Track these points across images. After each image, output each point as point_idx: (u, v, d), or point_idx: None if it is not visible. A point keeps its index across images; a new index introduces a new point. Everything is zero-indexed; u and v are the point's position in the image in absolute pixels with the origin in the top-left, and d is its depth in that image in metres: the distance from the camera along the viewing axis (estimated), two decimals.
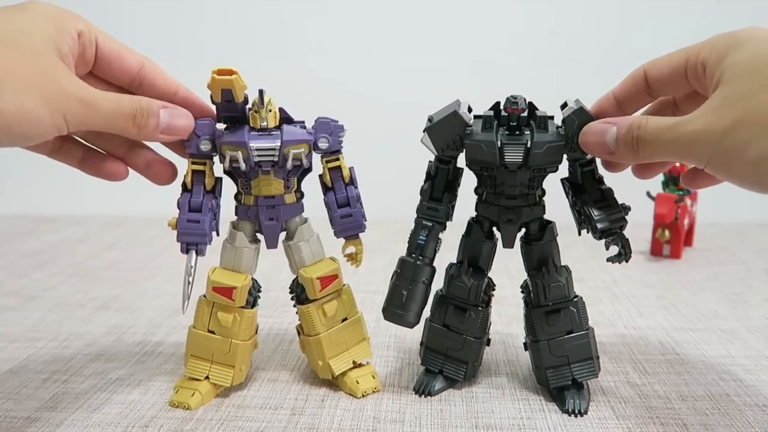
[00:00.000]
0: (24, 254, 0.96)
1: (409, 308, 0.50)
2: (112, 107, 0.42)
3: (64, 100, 0.38)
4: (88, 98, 0.40)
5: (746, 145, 0.37)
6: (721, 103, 0.39)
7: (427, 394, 0.53)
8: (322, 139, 0.50)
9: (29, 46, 0.38)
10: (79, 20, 0.44)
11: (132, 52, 0.47)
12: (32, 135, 0.38)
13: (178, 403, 0.51)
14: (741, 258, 0.96)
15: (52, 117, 0.38)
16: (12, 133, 0.37)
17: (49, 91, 0.38)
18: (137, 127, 0.43)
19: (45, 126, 0.38)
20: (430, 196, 0.51)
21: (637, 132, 0.43)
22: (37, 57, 0.38)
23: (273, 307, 0.73)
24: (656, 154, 0.43)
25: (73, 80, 0.40)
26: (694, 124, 0.40)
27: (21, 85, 0.36)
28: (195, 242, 0.49)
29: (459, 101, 0.50)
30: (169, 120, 0.45)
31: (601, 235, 0.49)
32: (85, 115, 0.40)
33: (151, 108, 0.44)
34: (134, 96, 0.44)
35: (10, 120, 0.36)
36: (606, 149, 0.45)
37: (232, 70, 0.44)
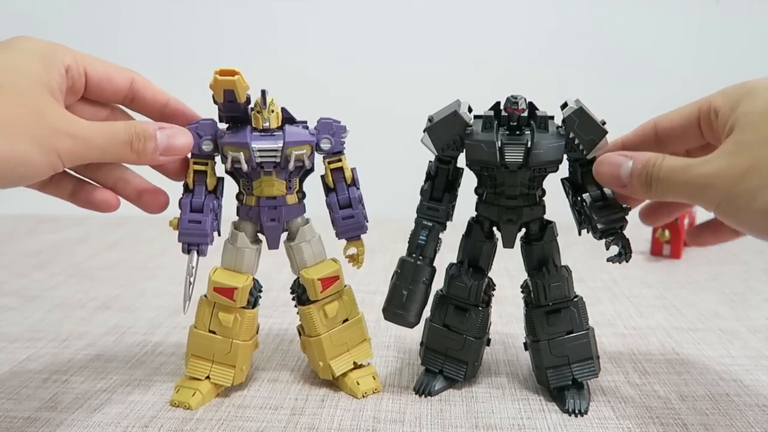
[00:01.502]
0: (24, 254, 0.96)
1: (409, 308, 0.50)
2: (106, 138, 0.41)
3: (56, 139, 0.38)
4: (81, 133, 0.40)
5: (757, 192, 0.37)
6: (734, 148, 0.39)
7: (427, 394, 0.53)
8: (325, 140, 0.50)
9: (18, 87, 0.38)
10: (66, 54, 0.43)
11: (121, 71, 0.47)
12: (27, 177, 0.38)
13: (178, 402, 0.51)
14: (741, 258, 0.96)
15: (46, 157, 0.38)
16: (7, 177, 0.37)
17: (41, 132, 0.37)
18: (136, 153, 0.43)
19: (39, 167, 0.38)
20: (431, 196, 0.51)
21: (652, 169, 0.43)
22: (26, 98, 0.38)
23: (273, 307, 0.73)
24: (668, 193, 0.42)
25: (64, 116, 0.40)
26: (707, 167, 0.40)
27: (12, 128, 0.36)
28: (196, 242, 0.49)
29: (459, 101, 0.50)
30: (168, 141, 0.44)
31: (602, 235, 0.49)
32: (80, 150, 0.40)
33: (147, 131, 0.43)
34: (128, 122, 0.44)
35: (5, 165, 0.36)
36: (619, 182, 0.45)
37: (234, 71, 0.44)
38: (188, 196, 0.50)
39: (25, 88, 0.39)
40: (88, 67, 0.45)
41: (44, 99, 0.39)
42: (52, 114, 0.39)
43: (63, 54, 0.43)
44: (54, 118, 0.39)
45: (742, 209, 0.38)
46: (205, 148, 0.49)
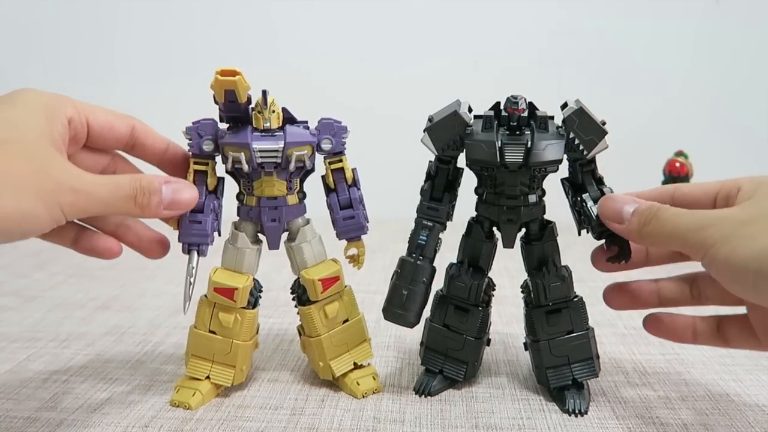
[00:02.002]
0: (24, 254, 0.96)
1: (409, 308, 0.50)
2: (110, 192, 0.41)
3: (60, 193, 0.38)
4: (85, 187, 0.39)
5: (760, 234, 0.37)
6: (748, 203, 0.40)
7: (427, 394, 0.53)
8: (326, 140, 0.50)
9: (23, 141, 0.38)
10: (68, 105, 0.44)
11: (121, 118, 0.47)
12: (30, 232, 0.38)
13: (178, 402, 0.51)
14: None
15: (50, 211, 0.38)
16: (11, 232, 0.37)
17: (45, 186, 0.37)
18: (139, 207, 0.42)
19: (43, 221, 0.38)
20: (431, 196, 0.51)
21: (656, 209, 0.43)
22: (30, 153, 0.38)
23: (273, 307, 0.73)
24: (662, 234, 0.42)
25: (69, 170, 0.40)
26: (715, 211, 0.41)
27: (17, 184, 0.36)
28: (196, 243, 0.49)
29: (459, 101, 0.50)
30: (173, 195, 0.44)
31: (601, 234, 0.49)
32: (83, 204, 0.39)
33: (153, 185, 0.43)
34: (133, 175, 0.43)
35: (9, 221, 0.36)
36: (618, 217, 0.46)
37: (235, 71, 0.44)
38: None
39: (30, 142, 0.39)
40: (89, 116, 0.45)
41: (48, 153, 0.39)
42: (56, 168, 0.39)
43: (65, 106, 0.43)
44: (58, 172, 0.39)
45: (738, 250, 0.38)
46: (205, 149, 0.49)
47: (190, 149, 0.49)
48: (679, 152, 0.98)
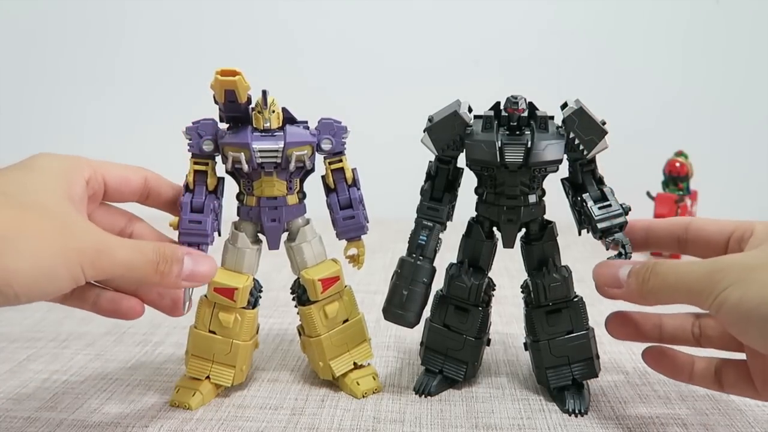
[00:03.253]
0: None
1: (409, 308, 0.50)
2: (132, 255, 0.40)
3: (82, 252, 0.38)
4: (107, 248, 0.39)
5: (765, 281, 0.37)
6: (759, 250, 0.40)
7: (427, 394, 0.53)
8: (326, 140, 0.50)
9: (43, 204, 0.39)
10: (84, 166, 0.44)
11: (135, 171, 0.48)
12: (50, 291, 0.38)
13: (179, 402, 0.51)
14: None
15: (70, 271, 0.37)
16: (31, 292, 0.37)
17: (67, 246, 0.37)
18: (159, 275, 0.42)
19: (63, 281, 0.37)
20: (431, 196, 0.52)
21: (653, 266, 0.42)
22: (52, 214, 0.38)
23: (273, 307, 0.73)
24: (665, 288, 0.42)
25: (91, 230, 0.40)
26: (724, 257, 0.40)
27: (39, 244, 0.36)
28: (196, 243, 0.49)
29: (459, 101, 0.50)
30: (193, 267, 0.43)
31: (602, 235, 0.49)
32: (104, 265, 0.39)
33: (176, 255, 0.42)
34: (158, 242, 0.43)
35: (29, 280, 0.36)
36: (616, 282, 0.45)
37: (235, 71, 0.44)
38: (189, 196, 0.49)
39: (51, 204, 0.39)
40: (106, 175, 0.46)
41: (70, 213, 0.40)
42: (78, 228, 0.39)
43: (82, 167, 0.44)
44: (80, 231, 0.39)
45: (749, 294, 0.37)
46: (205, 148, 0.49)
47: (190, 149, 0.49)
48: (679, 152, 0.98)
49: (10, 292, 0.35)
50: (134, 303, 0.47)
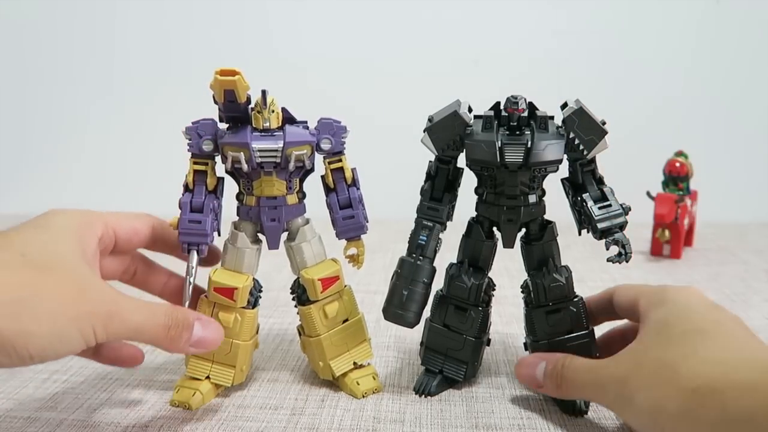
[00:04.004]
0: None
1: (409, 308, 0.50)
2: (145, 320, 0.41)
3: (96, 317, 0.39)
4: (120, 312, 0.40)
5: (634, 395, 0.40)
6: (625, 354, 0.44)
7: (427, 395, 0.53)
8: (325, 140, 0.50)
9: (60, 265, 0.40)
10: (97, 223, 0.45)
11: (142, 220, 0.50)
12: (62, 353, 0.38)
13: (179, 402, 0.51)
14: (741, 258, 0.96)
15: (82, 334, 0.38)
16: (44, 353, 0.37)
17: (81, 310, 0.38)
18: (169, 339, 0.43)
19: (75, 343, 0.38)
20: (431, 196, 0.52)
21: (561, 370, 0.47)
22: (68, 275, 0.39)
23: (273, 307, 0.73)
24: (576, 392, 0.47)
25: (106, 292, 0.40)
26: (605, 370, 0.44)
27: (56, 308, 0.37)
28: (196, 242, 0.49)
29: (459, 101, 0.50)
30: (202, 334, 0.45)
31: (602, 235, 0.49)
32: (116, 329, 0.40)
33: (188, 320, 0.44)
34: (170, 306, 0.44)
35: (45, 343, 0.37)
36: (536, 382, 0.49)
37: (235, 71, 0.44)
38: (188, 196, 0.49)
39: (68, 265, 0.40)
40: (116, 228, 0.47)
41: (86, 275, 0.41)
42: (93, 290, 0.40)
43: (95, 224, 0.45)
44: (95, 294, 0.40)
45: (626, 409, 0.42)
46: (205, 148, 0.49)
47: (189, 149, 0.49)
48: (679, 152, 0.98)
49: (26, 354, 0.36)
50: (134, 350, 0.49)
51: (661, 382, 0.39)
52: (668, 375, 0.39)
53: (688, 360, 0.39)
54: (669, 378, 0.39)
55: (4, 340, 0.35)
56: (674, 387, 0.38)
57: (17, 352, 0.36)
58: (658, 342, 0.42)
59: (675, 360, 0.39)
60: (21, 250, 0.39)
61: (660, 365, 0.40)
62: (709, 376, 0.37)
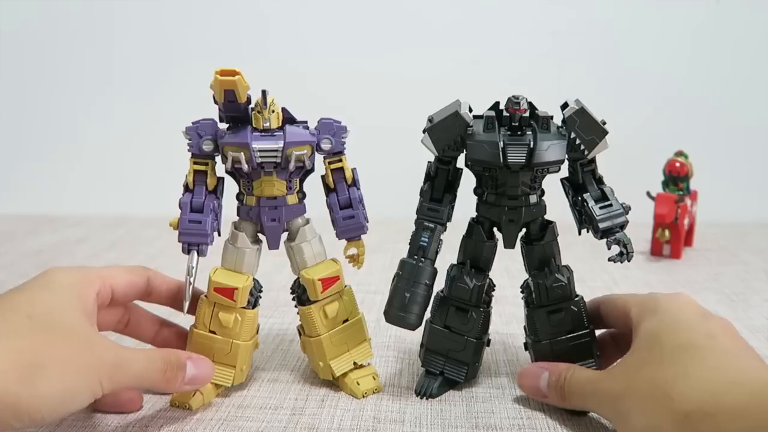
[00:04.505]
0: (24, 254, 0.96)
1: (411, 310, 0.49)
2: (144, 367, 0.44)
3: (101, 370, 0.40)
4: (123, 362, 0.42)
5: (630, 413, 0.41)
6: (620, 369, 0.44)
7: (429, 396, 0.53)
8: (325, 140, 0.50)
9: (64, 324, 0.41)
10: (95, 279, 0.47)
11: (138, 273, 0.51)
12: (72, 410, 0.40)
13: (179, 402, 0.51)
14: (741, 258, 0.96)
15: (91, 388, 0.40)
16: (56, 413, 0.39)
17: (88, 364, 0.40)
18: (166, 381, 0.45)
19: (84, 399, 0.40)
20: (431, 197, 0.51)
21: (563, 382, 0.47)
22: (73, 334, 0.41)
23: (273, 307, 0.73)
24: (579, 403, 0.47)
25: (107, 347, 0.42)
26: (603, 384, 0.44)
27: (66, 368, 0.39)
28: (196, 242, 0.49)
29: (459, 101, 0.50)
30: (195, 372, 0.47)
31: (603, 234, 0.49)
32: (121, 379, 0.42)
33: (180, 361, 0.46)
34: (164, 350, 0.47)
35: (57, 402, 0.38)
36: (540, 393, 0.50)
37: (235, 71, 0.44)
38: (188, 196, 0.50)
39: (71, 323, 0.42)
40: (113, 283, 0.49)
41: (88, 331, 0.42)
42: (97, 346, 0.41)
43: (92, 281, 0.46)
44: (99, 349, 0.41)
45: (623, 425, 0.42)
46: (205, 148, 0.49)
47: (189, 149, 0.49)
48: (679, 152, 0.98)
49: (38, 417, 0.37)
50: (133, 395, 0.50)
51: (654, 404, 0.39)
52: (661, 397, 0.39)
53: (679, 382, 0.39)
54: (662, 400, 0.39)
55: (20, 406, 0.36)
56: (667, 410, 0.38)
57: (30, 417, 0.37)
58: (650, 358, 0.42)
59: (666, 381, 0.39)
60: (27, 312, 0.41)
61: (653, 386, 0.40)
62: (701, 400, 0.37)
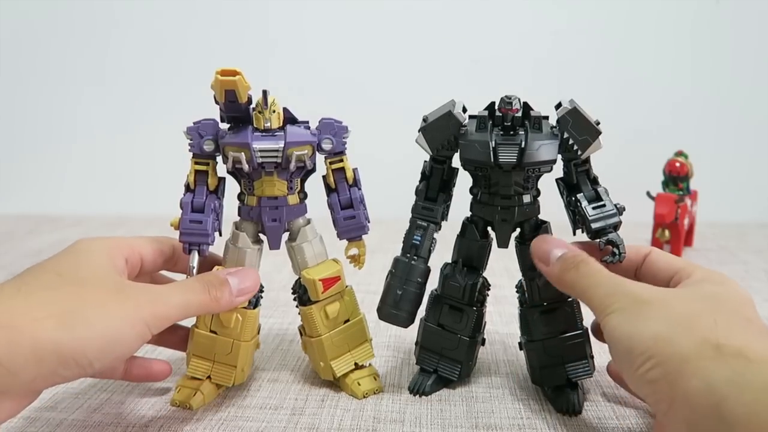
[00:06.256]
0: (24, 254, 0.96)
1: (403, 308, 0.50)
2: (184, 294, 0.43)
3: (141, 309, 0.40)
4: (161, 297, 0.42)
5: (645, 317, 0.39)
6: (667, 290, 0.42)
7: (422, 394, 0.53)
8: (326, 140, 0.50)
9: (95, 276, 0.42)
10: (123, 246, 0.47)
11: (165, 242, 0.50)
12: (120, 353, 0.40)
13: (179, 402, 0.51)
14: (741, 258, 0.97)
15: (135, 329, 0.40)
16: (104, 356, 0.38)
17: (127, 307, 0.40)
18: (215, 301, 0.45)
19: (132, 341, 0.40)
20: (426, 195, 0.52)
21: (579, 262, 0.45)
22: (105, 283, 0.41)
23: (273, 307, 0.73)
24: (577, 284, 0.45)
25: (140, 288, 0.42)
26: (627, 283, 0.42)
27: (103, 311, 0.39)
28: (197, 242, 0.49)
29: (453, 101, 0.50)
30: (240, 284, 0.47)
31: (596, 235, 0.49)
32: (163, 312, 0.41)
33: (220, 278, 0.46)
34: (198, 275, 0.47)
35: (102, 345, 0.38)
36: (546, 258, 0.48)
37: (235, 71, 0.44)
38: (189, 196, 0.50)
39: (102, 276, 0.42)
40: (142, 251, 0.48)
41: (119, 280, 0.43)
42: (131, 289, 0.42)
43: (121, 248, 0.46)
44: (134, 292, 0.41)
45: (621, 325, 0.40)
46: (206, 148, 0.49)
47: (191, 149, 0.49)
48: (679, 152, 0.98)
49: (85, 362, 0.37)
50: (162, 365, 0.51)
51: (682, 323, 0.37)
52: (695, 322, 0.37)
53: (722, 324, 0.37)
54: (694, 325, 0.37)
55: (63, 351, 0.36)
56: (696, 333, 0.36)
57: (77, 361, 0.37)
58: (700, 304, 0.39)
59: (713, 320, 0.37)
60: (57, 271, 0.41)
61: (690, 313, 0.38)
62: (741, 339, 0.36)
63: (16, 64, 1.25)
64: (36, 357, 0.36)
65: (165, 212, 0.51)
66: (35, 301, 0.38)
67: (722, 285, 0.42)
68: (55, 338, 0.36)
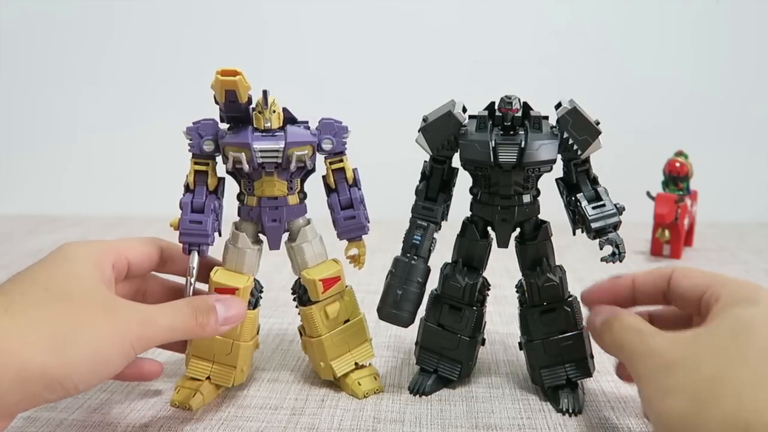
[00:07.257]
0: (24, 254, 0.96)
1: (403, 307, 0.50)
2: (172, 317, 0.43)
3: (128, 330, 0.40)
4: (149, 318, 0.41)
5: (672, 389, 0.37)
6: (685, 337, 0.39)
7: (422, 394, 0.53)
8: (326, 140, 0.50)
9: (82, 292, 0.41)
10: (110, 251, 0.46)
11: (152, 245, 0.50)
12: (105, 375, 0.39)
13: (179, 403, 0.51)
14: (741, 258, 0.97)
15: (122, 350, 0.39)
16: (89, 380, 0.38)
17: (115, 328, 0.39)
18: (200, 326, 0.44)
19: (117, 362, 0.39)
20: (426, 195, 0.52)
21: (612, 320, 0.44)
22: (94, 300, 0.40)
23: (273, 307, 0.73)
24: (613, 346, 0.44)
25: (129, 307, 0.41)
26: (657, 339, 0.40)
27: (90, 332, 0.38)
28: (197, 243, 0.49)
29: (453, 101, 0.50)
30: (226, 312, 0.46)
31: (596, 234, 0.49)
32: (150, 334, 0.41)
33: (208, 304, 0.45)
34: (189, 299, 0.46)
35: (89, 368, 0.38)
36: (591, 322, 0.47)
37: (236, 71, 0.44)
38: (189, 197, 0.50)
39: (90, 290, 0.41)
40: (128, 255, 0.48)
41: (107, 296, 0.42)
42: (120, 308, 0.41)
43: (108, 252, 0.46)
44: (123, 311, 0.41)
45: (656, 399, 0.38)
46: (206, 149, 0.49)
47: (190, 149, 0.49)
48: (679, 152, 0.98)
49: (71, 386, 0.37)
50: (154, 366, 0.50)
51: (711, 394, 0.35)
52: (724, 390, 0.35)
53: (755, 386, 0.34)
54: (723, 395, 0.34)
55: (50, 375, 0.36)
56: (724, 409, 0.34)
57: (63, 386, 0.36)
58: (731, 346, 0.36)
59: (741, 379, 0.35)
60: (43, 285, 0.40)
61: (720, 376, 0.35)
62: None
63: (16, 64, 1.25)
64: (21, 380, 0.35)
65: (165, 212, 0.51)
66: (24, 322, 0.37)
67: (755, 305, 0.38)
68: (42, 362, 0.36)
